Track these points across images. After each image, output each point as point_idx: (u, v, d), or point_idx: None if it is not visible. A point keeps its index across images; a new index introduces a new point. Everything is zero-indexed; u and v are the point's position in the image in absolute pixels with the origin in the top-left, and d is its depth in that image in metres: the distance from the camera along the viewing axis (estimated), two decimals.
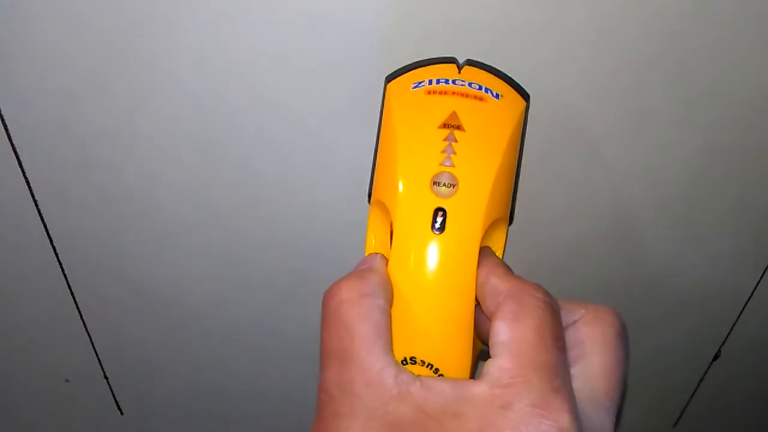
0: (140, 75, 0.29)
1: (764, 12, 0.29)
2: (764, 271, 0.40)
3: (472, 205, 0.24)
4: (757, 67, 0.30)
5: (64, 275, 0.37)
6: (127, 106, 0.30)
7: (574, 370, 0.22)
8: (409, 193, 0.24)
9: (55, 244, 0.36)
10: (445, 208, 0.23)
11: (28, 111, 0.31)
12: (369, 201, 0.28)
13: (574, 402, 0.20)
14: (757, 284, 0.40)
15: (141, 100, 0.30)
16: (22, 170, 0.32)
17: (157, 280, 0.38)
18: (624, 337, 0.23)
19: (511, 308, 0.21)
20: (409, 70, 0.27)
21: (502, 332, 0.20)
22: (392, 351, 0.22)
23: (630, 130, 0.32)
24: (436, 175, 0.24)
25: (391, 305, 0.23)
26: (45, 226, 0.35)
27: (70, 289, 0.38)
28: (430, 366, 0.24)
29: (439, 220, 0.23)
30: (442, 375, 0.23)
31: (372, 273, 0.23)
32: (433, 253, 0.23)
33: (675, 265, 0.39)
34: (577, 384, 0.21)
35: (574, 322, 0.23)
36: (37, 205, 0.34)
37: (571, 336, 0.22)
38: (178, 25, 0.28)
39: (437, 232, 0.23)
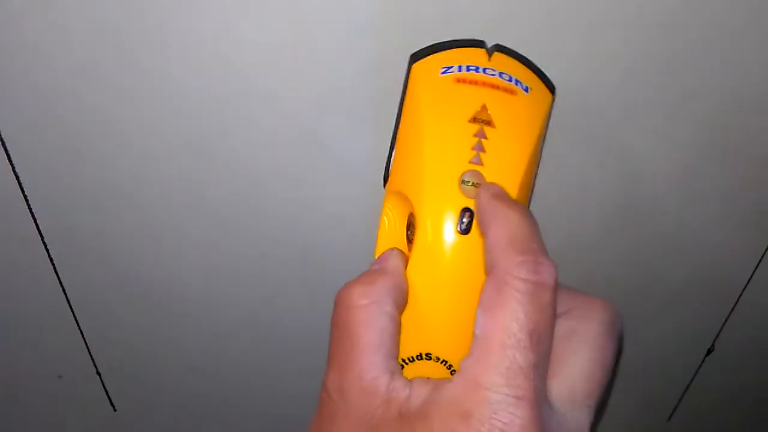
0: (131, 70, 0.29)
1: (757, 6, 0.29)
2: (757, 266, 0.40)
3: None
4: (752, 60, 0.31)
5: (56, 271, 0.37)
6: (118, 101, 0.30)
7: (556, 366, 0.21)
8: (436, 190, 0.23)
9: (45, 240, 0.35)
10: (472, 209, 0.23)
11: (17, 106, 0.30)
12: (384, 183, 0.27)
13: (539, 409, 0.19)
14: (750, 278, 0.40)
15: (132, 95, 0.30)
16: (12, 165, 0.32)
17: (150, 275, 0.37)
18: (613, 333, 0.22)
19: (489, 295, 0.20)
20: (435, 51, 0.26)
21: (477, 324, 0.20)
22: (396, 357, 0.22)
23: (622, 123, 0.32)
24: (464, 173, 0.23)
25: (402, 308, 0.23)
26: (35, 221, 0.35)
27: (62, 285, 0.37)
28: (444, 362, 0.24)
29: (466, 220, 0.23)
30: (455, 371, 0.23)
31: (384, 276, 0.23)
32: (457, 254, 0.23)
33: (668, 259, 0.39)
34: (556, 381, 0.21)
35: (565, 312, 0.22)
36: (27, 201, 0.34)
37: (558, 327, 0.21)
38: (168, 19, 0.28)
39: (463, 233, 0.23)
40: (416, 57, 0.26)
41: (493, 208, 0.22)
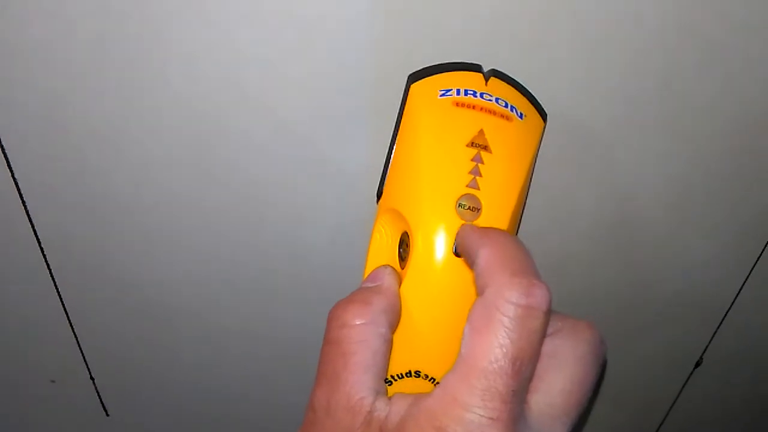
0: (130, 78, 0.29)
1: (747, 25, 0.29)
2: (745, 280, 0.40)
3: None
4: (743, 79, 0.31)
5: (51, 276, 0.37)
6: (117, 108, 0.30)
7: (537, 382, 0.21)
8: (433, 212, 0.23)
9: (42, 245, 0.35)
10: None
11: (17, 112, 0.30)
12: (378, 199, 0.27)
13: (513, 430, 0.19)
14: (738, 292, 0.41)
15: (131, 103, 0.30)
16: (11, 171, 0.32)
17: (145, 281, 0.37)
18: (597, 355, 0.22)
19: (478, 315, 0.20)
20: (434, 73, 0.26)
21: (463, 341, 0.20)
22: (384, 377, 0.22)
23: (613, 141, 0.33)
24: (461, 197, 0.23)
25: (395, 328, 0.23)
26: (33, 226, 0.35)
27: (57, 290, 0.37)
28: (432, 380, 0.24)
29: None
30: None
31: (379, 296, 0.23)
32: (451, 276, 0.23)
33: (657, 274, 0.39)
34: (536, 396, 0.21)
35: (550, 334, 0.22)
36: (25, 206, 0.34)
37: (544, 346, 0.21)
38: (169, 29, 0.28)
39: (458, 256, 0.23)
40: (414, 77, 0.26)
41: (480, 234, 0.21)
